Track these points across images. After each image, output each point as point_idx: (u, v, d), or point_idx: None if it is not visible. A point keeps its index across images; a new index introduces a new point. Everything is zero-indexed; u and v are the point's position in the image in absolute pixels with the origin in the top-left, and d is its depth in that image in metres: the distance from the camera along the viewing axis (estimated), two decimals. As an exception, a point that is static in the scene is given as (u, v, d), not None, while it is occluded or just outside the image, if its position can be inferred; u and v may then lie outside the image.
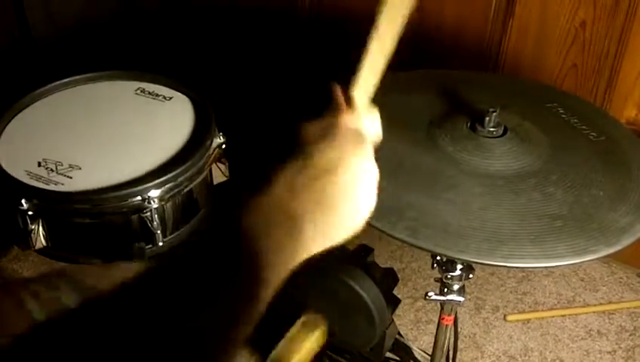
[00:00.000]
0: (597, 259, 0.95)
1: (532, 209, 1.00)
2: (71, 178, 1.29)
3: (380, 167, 0.69)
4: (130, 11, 2.31)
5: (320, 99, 1.25)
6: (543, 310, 1.87)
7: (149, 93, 1.54)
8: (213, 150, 1.41)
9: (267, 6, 2.18)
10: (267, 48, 2.23)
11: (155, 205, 1.26)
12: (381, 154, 1.12)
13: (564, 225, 0.97)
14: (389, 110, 1.23)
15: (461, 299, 1.21)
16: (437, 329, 1.33)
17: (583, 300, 1.90)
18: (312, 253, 0.62)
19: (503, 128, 1.14)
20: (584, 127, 1.21)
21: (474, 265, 1.19)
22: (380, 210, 0.98)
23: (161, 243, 1.31)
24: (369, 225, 0.96)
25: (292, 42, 2.16)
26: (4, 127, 1.42)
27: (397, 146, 1.13)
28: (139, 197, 1.26)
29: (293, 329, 1.24)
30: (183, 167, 1.31)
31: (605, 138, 1.18)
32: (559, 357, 1.74)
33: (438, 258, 1.19)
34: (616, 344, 1.77)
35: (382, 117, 1.16)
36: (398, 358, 1.66)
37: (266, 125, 2.17)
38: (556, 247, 0.94)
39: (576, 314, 1.86)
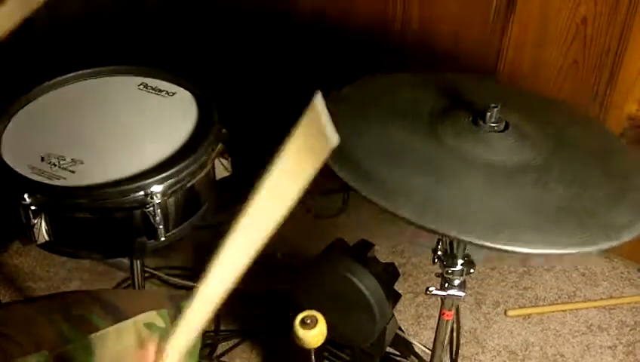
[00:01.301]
0: (597, 250, 0.95)
1: (532, 204, 1.01)
2: (74, 173, 1.30)
3: (381, 158, 0.69)
4: (133, 6, 2.31)
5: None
6: (543, 305, 1.87)
7: (152, 88, 1.54)
8: (216, 145, 1.41)
9: (269, 4, 2.19)
10: (269, 45, 2.23)
11: (157, 200, 1.26)
12: (384, 149, 1.13)
13: (564, 218, 0.98)
14: (391, 108, 1.24)
15: (462, 294, 1.22)
16: (438, 325, 1.34)
17: (583, 295, 1.90)
18: None
19: (504, 123, 1.14)
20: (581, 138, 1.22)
21: (475, 260, 1.20)
22: (386, 192, 0.99)
23: (163, 238, 1.31)
24: (376, 205, 0.98)
25: (294, 39, 2.16)
26: (8, 122, 1.42)
27: (399, 140, 1.14)
28: (141, 193, 1.26)
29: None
30: (185, 163, 1.31)
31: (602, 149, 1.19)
32: (560, 352, 1.74)
33: (439, 252, 1.20)
34: (617, 339, 1.78)
35: (385, 115, 1.17)
36: (398, 353, 1.67)
37: (268, 120, 2.18)
38: (557, 237, 0.95)
39: (576, 309, 1.86)
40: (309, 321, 1.23)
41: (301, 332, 1.23)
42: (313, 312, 1.24)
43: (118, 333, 0.95)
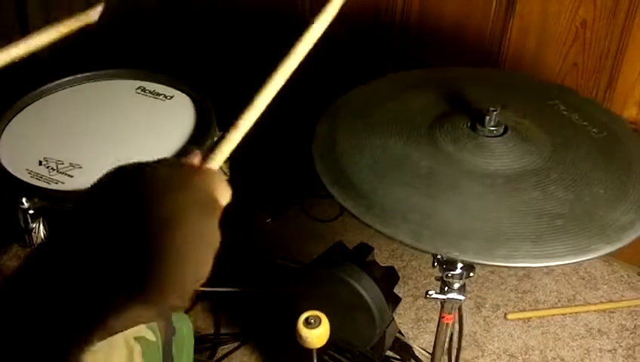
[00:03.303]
0: (598, 257, 0.95)
1: (533, 208, 1.01)
2: (72, 177, 1.29)
3: (380, 167, 0.68)
4: (131, 10, 2.30)
5: (318, 100, 1.25)
6: (543, 308, 1.87)
7: (150, 92, 1.54)
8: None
9: (267, 6, 2.18)
10: (267, 47, 2.23)
11: (155, 204, 1.26)
12: (382, 155, 1.12)
13: (564, 224, 0.97)
14: (390, 110, 1.24)
15: (462, 297, 1.21)
16: (437, 328, 1.33)
17: (583, 299, 1.90)
18: (134, 310, 0.56)
19: (503, 127, 1.14)
20: (585, 123, 1.21)
21: (474, 264, 1.19)
22: (383, 214, 0.99)
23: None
24: (372, 228, 0.98)
25: (292, 41, 2.15)
26: (5, 126, 1.42)
27: (397, 147, 1.13)
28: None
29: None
30: (183, 166, 1.31)
31: (606, 134, 1.18)
32: (560, 355, 1.74)
33: (439, 256, 1.19)
34: (617, 342, 1.77)
35: (383, 118, 1.17)
36: (398, 357, 1.66)
37: (266, 123, 2.17)
38: (557, 247, 0.94)
39: (576, 313, 1.86)
40: (312, 321, 1.24)
41: (305, 331, 1.23)
42: (316, 312, 1.24)
43: (109, 348, 0.94)
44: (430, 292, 1.22)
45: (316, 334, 1.23)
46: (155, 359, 1.04)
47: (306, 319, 1.24)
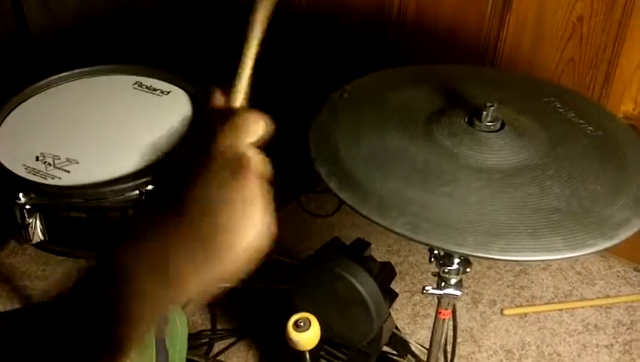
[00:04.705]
0: (594, 252, 0.95)
1: (529, 203, 1.01)
2: (68, 172, 1.29)
3: (377, 160, 0.68)
4: (129, 5, 2.30)
5: (315, 97, 1.25)
6: (540, 304, 1.87)
7: (147, 87, 1.54)
8: (211, 144, 1.41)
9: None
10: (264, 45, 2.23)
11: (152, 199, 1.26)
12: (379, 149, 1.12)
13: (561, 219, 0.98)
14: (387, 106, 1.24)
15: (458, 292, 1.21)
16: (434, 324, 1.33)
17: (580, 294, 1.90)
18: (192, 294, 0.58)
19: (500, 123, 1.14)
20: (581, 121, 1.21)
21: (471, 259, 1.20)
22: (380, 206, 0.99)
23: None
24: (369, 220, 0.98)
25: (290, 35, 2.15)
26: (2, 121, 1.42)
27: (395, 142, 1.14)
28: (136, 192, 1.26)
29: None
30: (180, 161, 1.31)
31: (602, 132, 1.18)
32: (556, 351, 1.74)
33: (436, 252, 1.19)
34: (614, 338, 1.78)
35: (380, 112, 1.17)
36: (395, 352, 1.67)
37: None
38: (553, 241, 0.94)
39: (573, 308, 1.86)
40: (302, 324, 1.23)
41: (294, 334, 1.23)
42: (306, 314, 1.24)
43: None
44: (427, 288, 1.22)
45: (306, 337, 1.23)
46: (148, 351, 1.04)
47: (296, 322, 1.23)
